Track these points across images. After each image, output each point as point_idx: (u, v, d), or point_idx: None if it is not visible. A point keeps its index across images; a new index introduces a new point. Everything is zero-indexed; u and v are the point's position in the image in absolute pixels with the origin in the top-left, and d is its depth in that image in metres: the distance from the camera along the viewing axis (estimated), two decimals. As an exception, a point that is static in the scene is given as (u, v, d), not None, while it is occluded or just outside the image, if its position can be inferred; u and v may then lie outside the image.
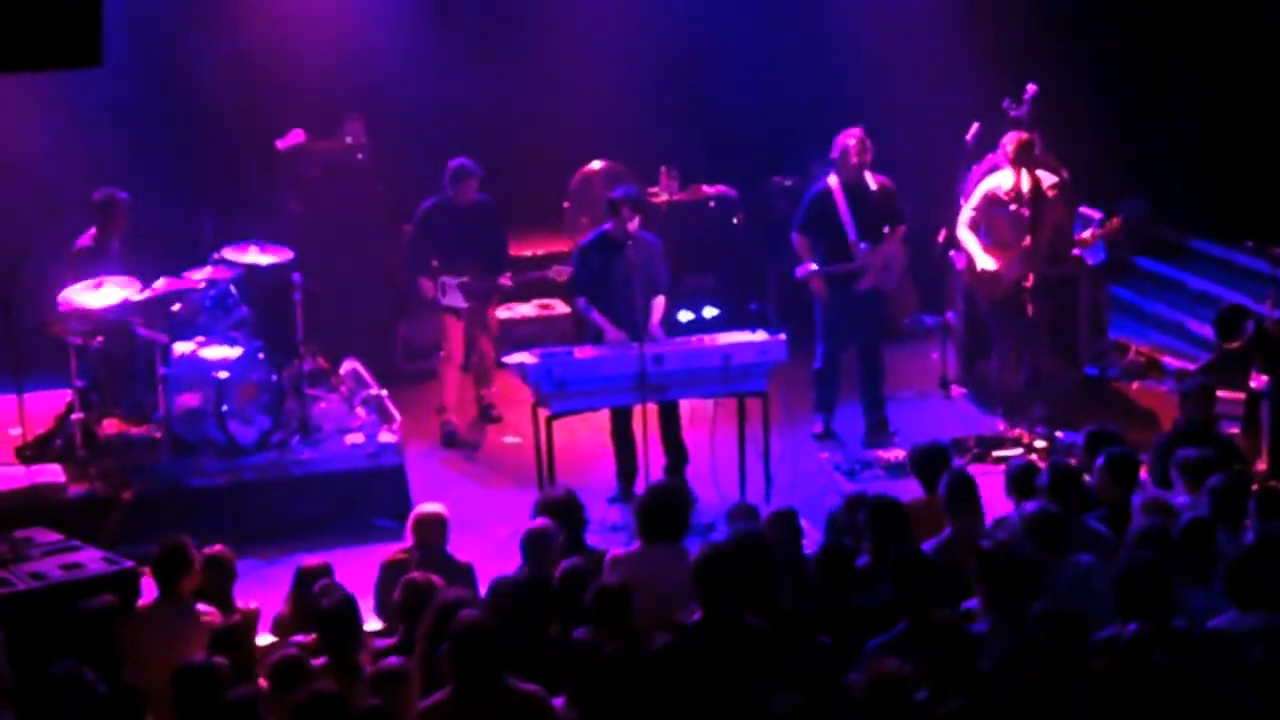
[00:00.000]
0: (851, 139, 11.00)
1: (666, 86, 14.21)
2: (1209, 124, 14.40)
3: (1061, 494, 7.74)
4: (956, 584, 7.13)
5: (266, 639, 7.80)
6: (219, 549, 7.96)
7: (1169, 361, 12.70)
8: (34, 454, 10.46)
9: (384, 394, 11.29)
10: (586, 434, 11.01)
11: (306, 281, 10.98)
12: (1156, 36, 14.31)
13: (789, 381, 10.97)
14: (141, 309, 10.48)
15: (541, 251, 13.37)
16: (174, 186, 12.31)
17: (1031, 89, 11.56)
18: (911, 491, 8.29)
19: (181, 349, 10.49)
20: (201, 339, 10.58)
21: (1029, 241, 10.99)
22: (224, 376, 10.38)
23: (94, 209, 10.87)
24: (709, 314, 13.16)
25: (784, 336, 10.27)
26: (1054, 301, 11.60)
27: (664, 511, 7.76)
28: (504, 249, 11.72)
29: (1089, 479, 8.22)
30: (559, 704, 6.27)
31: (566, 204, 13.84)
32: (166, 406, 10.34)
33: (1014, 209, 11.08)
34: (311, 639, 7.16)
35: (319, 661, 6.82)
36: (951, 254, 11.97)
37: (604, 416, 10.52)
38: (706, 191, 13.87)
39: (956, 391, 12.23)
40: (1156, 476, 8.76)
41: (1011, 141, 11.06)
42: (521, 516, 8.22)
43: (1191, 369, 11.98)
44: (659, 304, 10.50)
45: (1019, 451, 10.63)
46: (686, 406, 10.67)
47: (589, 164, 13.82)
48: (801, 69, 14.02)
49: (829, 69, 13.91)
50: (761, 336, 10.26)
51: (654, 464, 10.25)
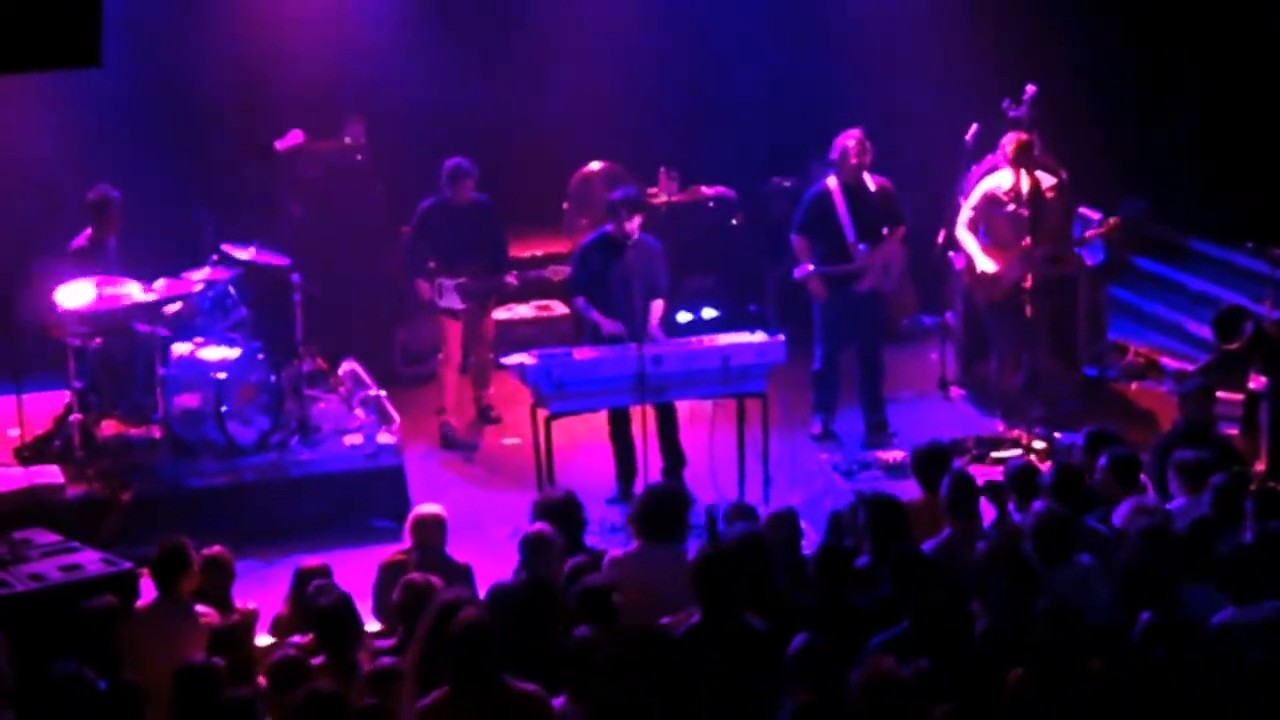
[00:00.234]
0: (851, 140, 10.99)
1: (666, 87, 14.20)
2: (1208, 124, 14.38)
3: (1066, 494, 7.74)
4: (956, 584, 7.14)
5: (266, 639, 7.80)
6: (218, 550, 7.96)
7: (1168, 362, 12.68)
8: (32, 455, 10.46)
9: (383, 395, 11.28)
10: (585, 435, 11.01)
11: (305, 282, 10.98)
12: (1156, 37, 14.29)
13: (788, 382, 10.96)
14: (140, 310, 10.48)
15: (541, 252, 13.37)
16: (173, 187, 12.32)
17: (1030, 90, 11.56)
18: (910, 492, 8.30)
19: (180, 350, 10.48)
20: (200, 340, 10.58)
21: (1028, 242, 10.99)
22: (223, 377, 10.38)
23: (88, 208, 10.86)
24: (708, 315, 13.17)
25: (783, 338, 10.27)
26: (1053, 302, 11.58)
27: (662, 512, 7.77)
28: (504, 249, 11.70)
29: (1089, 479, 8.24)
30: (558, 704, 6.27)
31: (566, 205, 13.83)
32: (165, 407, 10.34)
33: (1012, 209, 11.08)
34: (309, 639, 7.16)
35: (317, 661, 6.82)
36: (950, 255, 11.97)
37: (603, 417, 10.51)
38: (705, 193, 13.86)
39: (955, 392, 12.22)
40: (1155, 478, 8.75)
41: (1011, 142, 11.07)
42: (520, 517, 8.22)
43: (1190, 370, 11.96)
44: (657, 306, 10.49)
45: (1018, 452, 10.63)
46: (685, 406, 10.68)
47: (588, 165, 13.81)
48: (801, 70, 14.02)
49: (828, 70, 13.91)
50: (760, 338, 10.26)
51: (653, 465, 10.26)
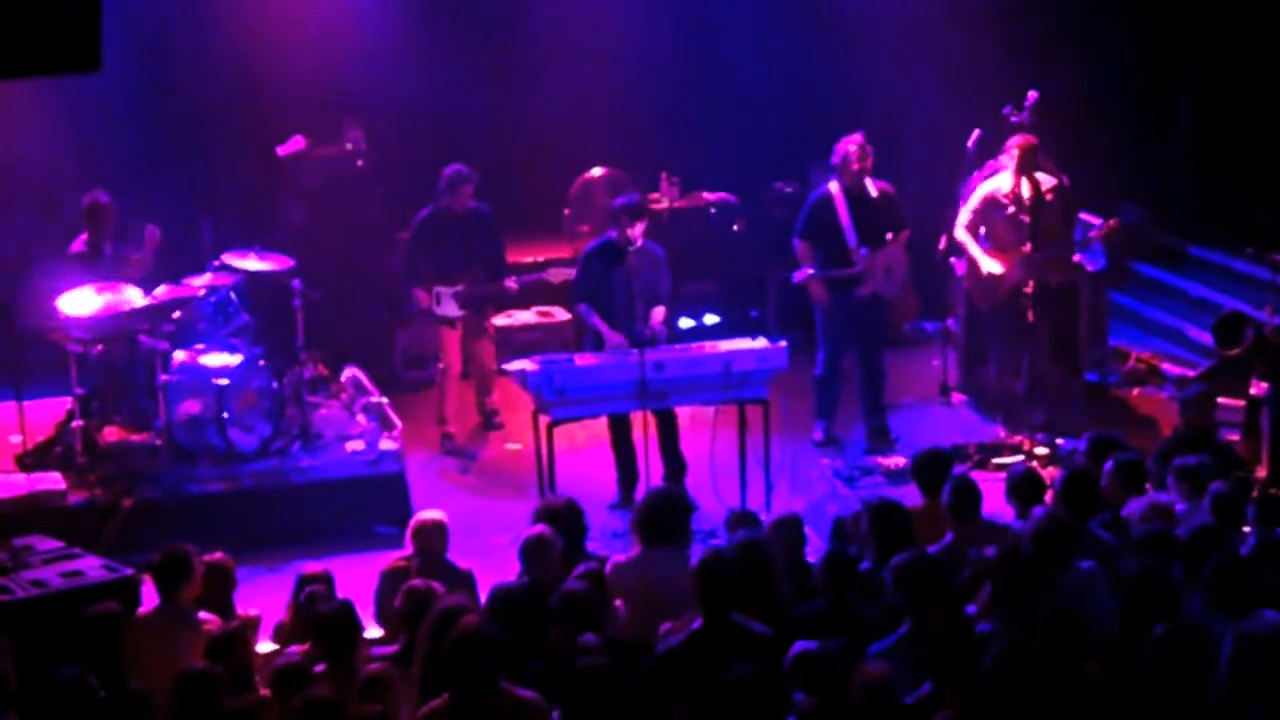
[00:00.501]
0: (853, 145, 10.98)
1: (668, 93, 14.20)
2: (1209, 130, 14.39)
3: (1074, 500, 7.72)
4: (958, 589, 7.13)
5: (268, 646, 7.79)
6: (219, 556, 7.94)
7: (1169, 368, 12.67)
8: (34, 461, 10.47)
9: (385, 401, 11.27)
10: (587, 441, 11.00)
11: (307, 288, 10.98)
12: (1158, 43, 14.31)
13: (790, 388, 10.95)
14: (142, 316, 10.48)
15: (541, 258, 13.32)
16: (174, 193, 12.34)
17: (1032, 96, 11.54)
18: (912, 498, 8.29)
19: (181, 356, 10.49)
20: (202, 346, 10.58)
21: (1029, 248, 10.98)
22: (224, 384, 10.38)
23: (81, 214, 10.87)
24: (709, 321, 13.16)
25: (785, 343, 10.26)
26: (1054, 308, 11.57)
27: (664, 517, 7.76)
28: (501, 257, 11.65)
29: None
30: (556, 716, 6.26)
31: (567, 211, 13.82)
32: (167, 414, 10.33)
33: (1013, 212, 11.07)
34: (310, 646, 7.14)
35: (319, 668, 6.80)
36: (952, 260, 11.96)
37: (605, 423, 10.50)
38: (707, 198, 13.85)
39: (957, 398, 12.21)
40: (1157, 483, 8.74)
41: (1017, 144, 11.04)
42: (522, 523, 8.20)
43: (1191, 376, 11.97)
44: (658, 313, 10.48)
45: (1019, 459, 10.61)
46: (687, 412, 10.67)
47: (590, 170, 13.81)
48: (802, 75, 14.02)
49: (830, 75, 13.92)
50: (762, 343, 10.25)
51: (655, 471, 10.25)
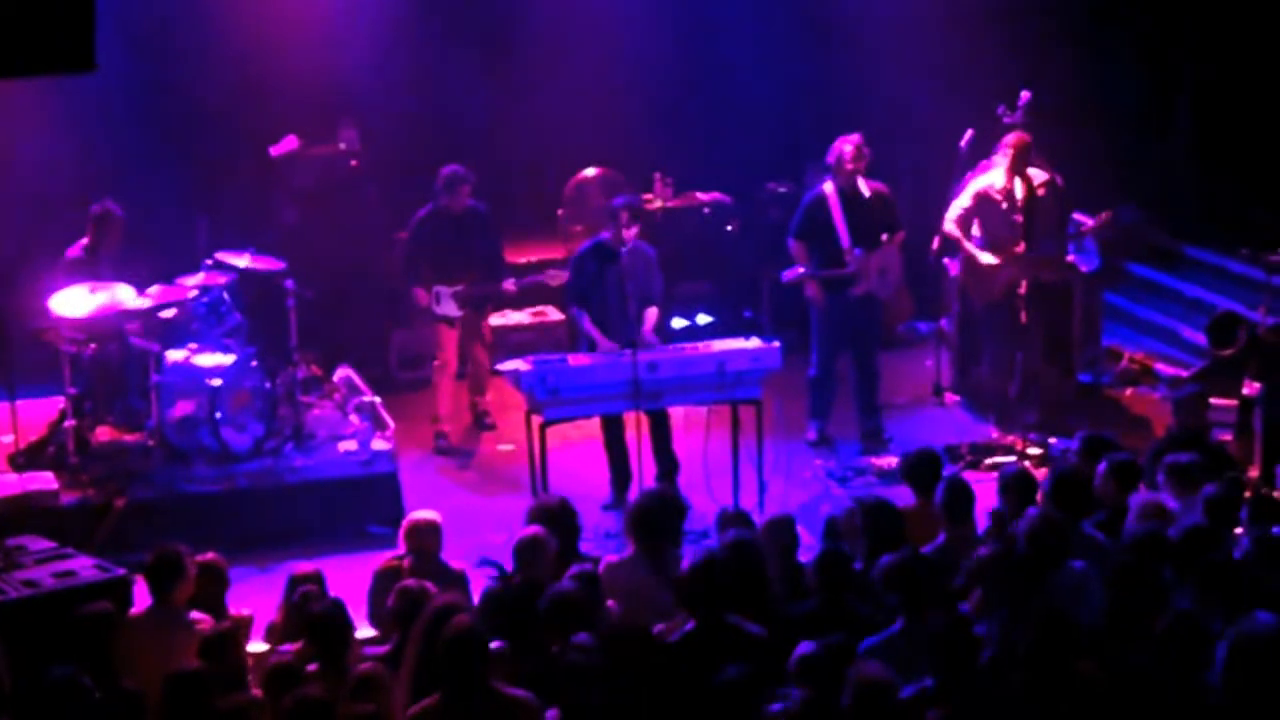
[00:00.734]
0: (848, 145, 10.97)
1: (662, 93, 14.19)
2: (1206, 131, 14.40)
3: (1067, 500, 7.72)
4: (951, 589, 7.13)
5: (260, 646, 7.78)
6: (212, 556, 7.94)
7: (1162, 368, 12.68)
8: (27, 461, 10.45)
9: (378, 401, 11.27)
10: (580, 441, 11.00)
11: (300, 288, 10.97)
12: (1153, 43, 14.31)
13: (783, 388, 10.95)
14: (135, 316, 10.47)
15: (535, 259, 13.34)
16: (167, 193, 12.32)
17: (1025, 95, 11.55)
18: (905, 498, 8.30)
19: (174, 356, 10.47)
20: (195, 346, 10.56)
21: (1022, 247, 10.98)
22: (217, 384, 10.36)
23: (89, 220, 10.85)
24: (703, 321, 13.17)
25: (778, 344, 10.26)
26: (1048, 308, 11.57)
27: (657, 517, 7.77)
28: (500, 256, 11.68)
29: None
30: (552, 715, 6.26)
31: (561, 211, 13.82)
32: (160, 414, 10.33)
33: (1005, 210, 11.06)
34: (302, 645, 7.14)
35: (311, 668, 6.80)
36: (945, 261, 11.97)
37: (598, 423, 10.50)
38: (701, 198, 13.86)
39: (950, 399, 12.22)
40: (1150, 483, 8.75)
41: (1011, 142, 11.02)
42: (515, 524, 8.20)
43: (1185, 376, 11.98)
44: (651, 315, 10.47)
45: (1012, 459, 10.62)
46: (680, 413, 10.68)
47: (584, 171, 13.81)
48: (797, 75, 14.02)
49: (824, 75, 13.93)
50: (756, 344, 10.25)
51: (647, 471, 10.25)
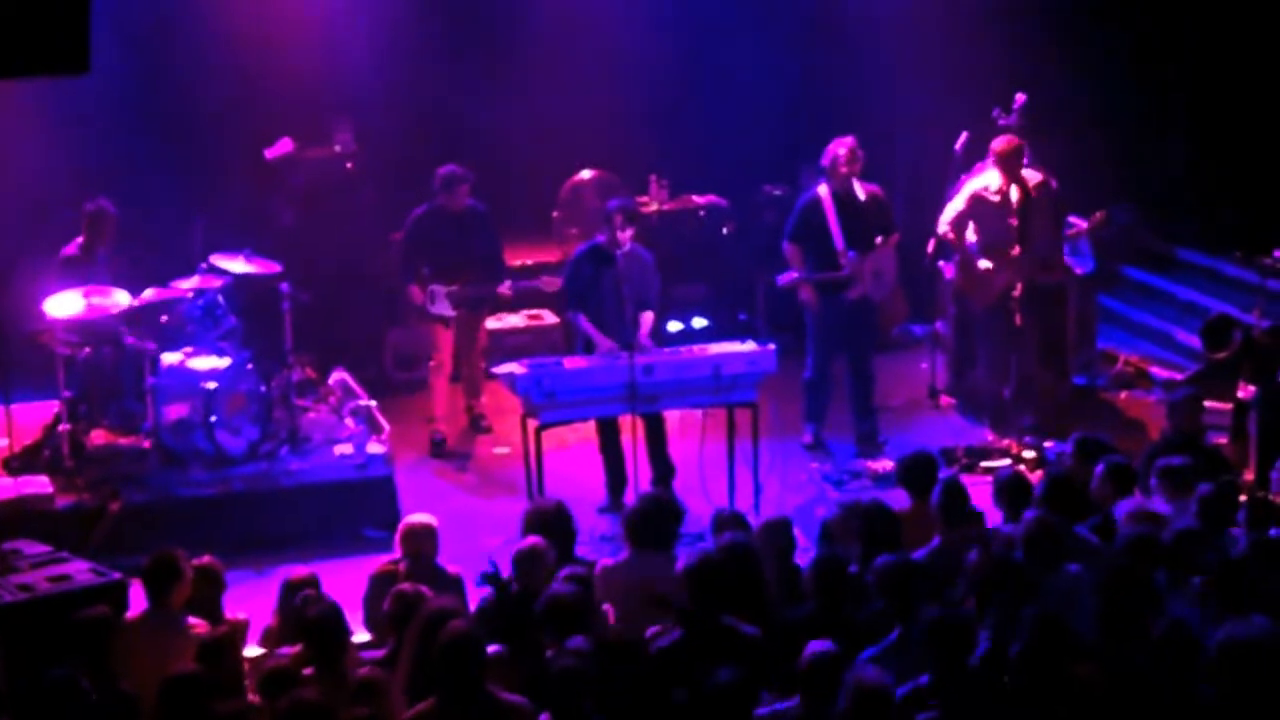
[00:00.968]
0: (842, 148, 10.97)
1: (657, 95, 14.19)
2: (1197, 133, 14.41)
3: (1059, 503, 7.73)
4: (947, 592, 7.14)
5: (255, 650, 7.78)
6: (208, 560, 7.93)
7: (1157, 371, 12.69)
8: (21, 465, 10.44)
9: (373, 404, 11.26)
10: (576, 444, 10.99)
11: (295, 291, 10.97)
12: (1146, 46, 14.32)
13: (778, 392, 10.95)
14: (130, 319, 10.46)
15: (531, 261, 13.36)
16: (162, 195, 12.29)
17: (1020, 98, 11.55)
18: (900, 502, 8.30)
19: (170, 359, 10.47)
20: (190, 349, 10.56)
21: (1018, 251, 10.99)
22: (212, 387, 10.36)
23: (84, 219, 10.85)
24: (698, 324, 13.17)
25: (773, 347, 10.26)
26: (1043, 311, 11.58)
27: (653, 520, 7.77)
28: (499, 257, 11.63)
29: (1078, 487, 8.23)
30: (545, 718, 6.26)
31: (556, 213, 13.81)
32: (155, 417, 10.32)
33: (1000, 213, 11.05)
34: (298, 649, 7.14)
35: (307, 672, 6.80)
36: (940, 263, 11.97)
37: (593, 426, 10.49)
38: (696, 201, 13.86)
39: (945, 402, 12.23)
40: (1144, 487, 8.75)
41: (999, 148, 11.01)
42: (511, 527, 8.20)
43: (1179, 379, 11.99)
44: (647, 319, 10.46)
45: (1007, 462, 10.63)
46: (677, 417, 10.67)
47: (579, 173, 13.81)
48: (792, 78, 14.03)
49: (820, 78, 13.93)
50: (751, 347, 10.25)
51: (643, 474, 10.25)
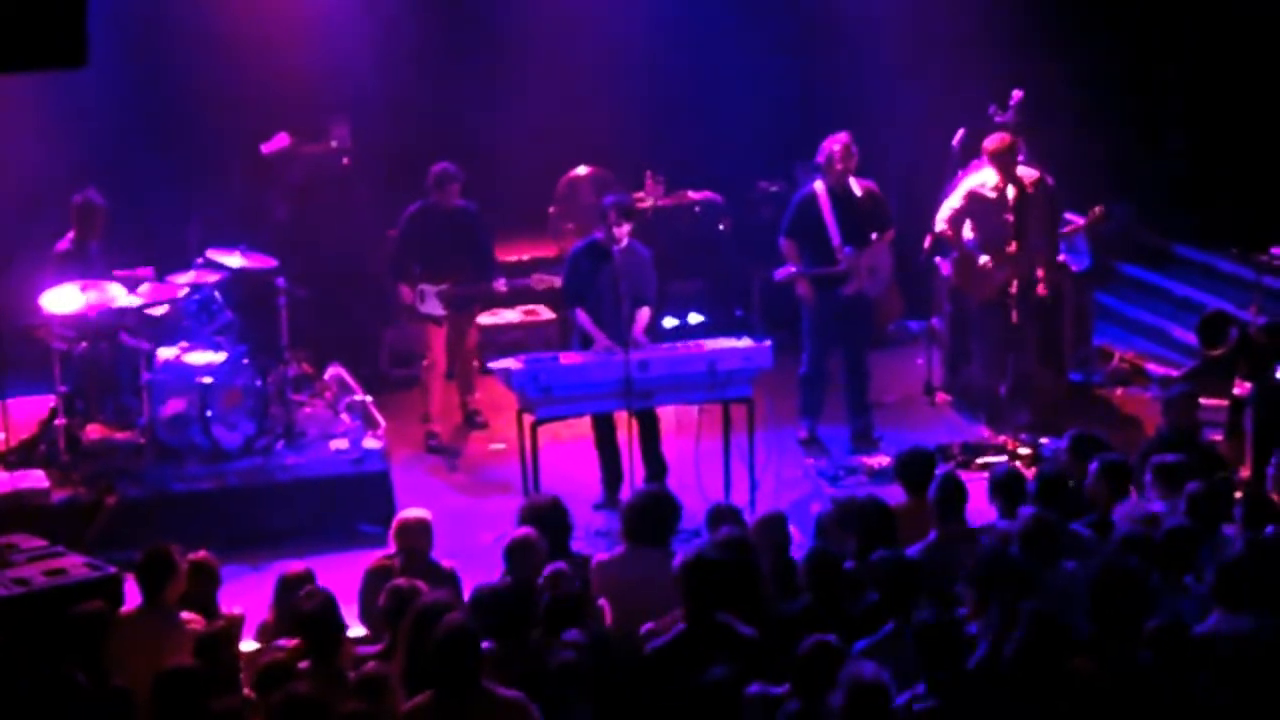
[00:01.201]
0: (837, 144, 10.97)
1: (652, 91, 14.19)
2: (1194, 130, 14.42)
3: (1050, 500, 7.74)
4: (943, 588, 7.14)
5: (250, 645, 7.78)
6: (203, 555, 7.93)
7: (1153, 368, 12.69)
8: (17, 459, 10.44)
9: (369, 400, 11.26)
10: (572, 439, 10.99)
11: (291, 286, 10.96)
12: (1142, 44, 14.33)
13: (774, 388, 10.96)
14: (126, 314, 10.46)
15: (526, 257, 13.37)
16: (158, 190, 12.29)
17: (1017, 95, 11.55)
18: (895, 497, 8.30)
19: (166, 354, 10.47)
20: (186, 344, 10.56)
21: (1014, 247, 10.99)
22: (208, 382, 10.36)
23: (72, 211, 10.85)
24: (694, 320, 13.16)
25: (769, 343, 10.26)
26: (1039, 308, 11.58)
27: (650, 516, 7.77)
28: (490, 256, 11.62)
29: (1072, 484, 8.23)
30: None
31: (552, 209, 13.82)
32: (151, 412, 10.32)
33: (997, 210, 11.05)
34: (294, 644, 7.14)
35: (303, 665, 6.80)
36: (937, 260, 11.97)
37: (589, 421, 10.49)
38: (692, 197, 13.85)
39: (941, 398, 12.23)
40: (1140, 484, 8.76)
41: (991, 147, 11.01)
42: (507, 522, 8.21)
43: (1175, 376, 12.00)
44: (643, 315, 10.44)
45: (1003, 458, 10.63)
46: (673, 416, 10.67)
47: (575, 169, 13.81)
48: (788, 74, 14.03)
49: (815, 74, 13.93)
50: (747, 343, 10.25)
51: (639, 470, 10.25)
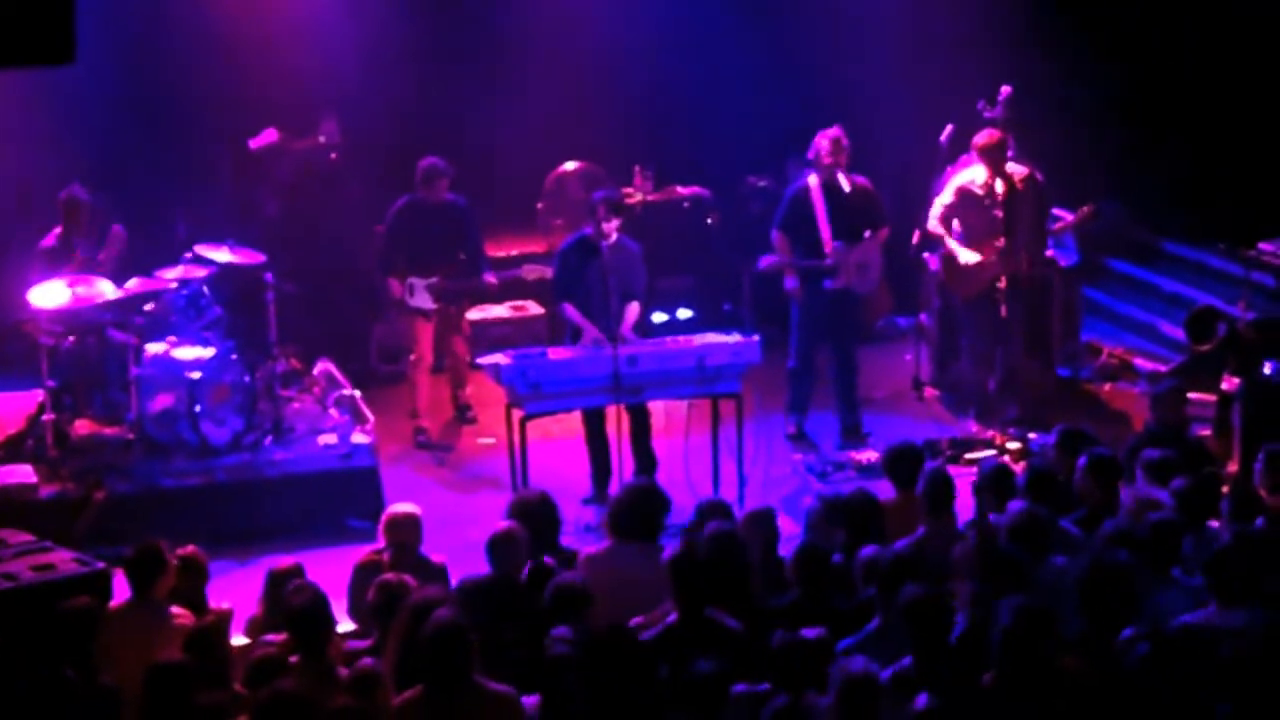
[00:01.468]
0: (826, 139, 10.97)
1: (641, 86, 14.19)
2: (1183, 126, 14.44)
3: (1039, 495, 7.76)
4: (930, 582, 7.14)
5: (239, 640, 7.78)
6: (191, 550, 7.93)
7: (1141, 363, 12.71)
8: (5, 454, 10.42)
9: (357, 395, 11.25)
10: (561, 435, 10.99)
11: (280, 281, 10.95)
12: (1130, 40, 14.34)
13: (763, 383, 10.97)
14: (114, 309, 10.45)
15: (515, 252, 13.36)
16: (147, 185, 12.29)
17: (1006, 90, 11.57)
18: (885, 493, 8.31)
19: (154, 349, 10.46)
20: (174, 339, 10.54)
21: (1003, 242, 11.01)
22: (197, 377, 10.34)
23: (58, 207, 10.84)
24: (683, 315, 13.17)
25: (758, 338, 10.27)
26: (1027, 302, 11.60)
27: (637, 511, 7.78)
28: (480, 250, 11.61)
29: (1061, 479, 8.24)
30: (529, 702, 6.27)
31: (540, 205, 13.81)
32: (139, 407, 10.31)
33: (986, 205, 11.08)
34: (283, 639, 7.13)
35: (292, 660, 6.80)
36: (925, 255, 11.99)
37: (578, 416, 10.49)
38: (681, 192, 13.86)
39: (930, 393, 12.24)
40: (1129, 479, 8.76)
41: (980, 143, 11.03)
42: (496, 517, 8.20)
43: (1163, 371, 12.01)
44: (632, 310, 10.45)
45: (992, 453, 10.65)
46: (662, 412, 10.68)
47: (563, 164, 13.80)
48: (778, 69, 14.01)
49: (805, 69, 13.92)
50: (736, 338, 10.26)
51: (628, 465, 10.25)
